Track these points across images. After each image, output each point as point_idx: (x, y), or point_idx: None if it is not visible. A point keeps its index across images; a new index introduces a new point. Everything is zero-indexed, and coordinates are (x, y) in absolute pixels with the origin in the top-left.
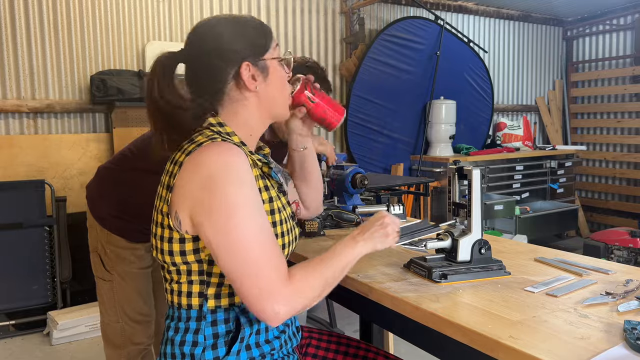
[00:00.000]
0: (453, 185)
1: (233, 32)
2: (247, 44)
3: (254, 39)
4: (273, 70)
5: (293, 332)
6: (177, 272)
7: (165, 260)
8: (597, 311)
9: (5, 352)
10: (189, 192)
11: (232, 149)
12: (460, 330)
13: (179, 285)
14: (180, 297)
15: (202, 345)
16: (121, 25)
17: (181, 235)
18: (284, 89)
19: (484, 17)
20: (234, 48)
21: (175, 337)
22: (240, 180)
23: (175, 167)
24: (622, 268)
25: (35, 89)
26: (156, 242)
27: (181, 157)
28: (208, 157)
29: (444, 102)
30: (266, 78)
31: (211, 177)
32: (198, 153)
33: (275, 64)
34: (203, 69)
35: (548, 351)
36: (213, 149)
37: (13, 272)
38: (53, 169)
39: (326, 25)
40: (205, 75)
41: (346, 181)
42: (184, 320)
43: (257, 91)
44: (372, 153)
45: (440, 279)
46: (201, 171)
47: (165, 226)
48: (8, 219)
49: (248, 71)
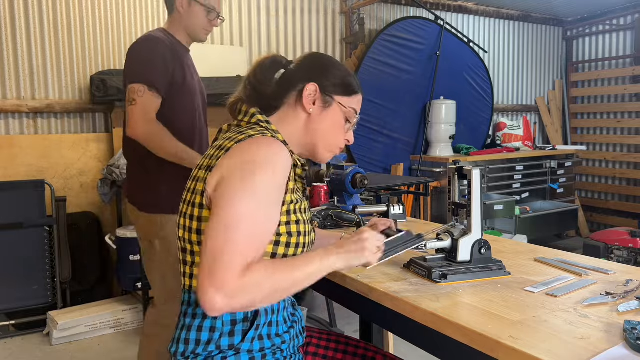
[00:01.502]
0: (453, 185)
1: (330, 65)
2: (331, 77)
3: (339, 80)
4: (334, 112)
5: (299, 331)
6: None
7: (191, 239)
8: (597, 311)
9: (5, 352)
10: (226, 168)
11: (280, 146)
12: (460, 330)
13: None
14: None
15: (219, 330)
16: (121, 25)
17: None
18: (334, 133)
19: (484, 17)
20: (319, 72)
21: (193, 322)
22: (274, 173)
23: (220, 152)
24: (622, 268)
25: (35, 89)
26: (185, 220)
27: (230, 144)
28: (257, 147)
29: (444, 102)
30: (323, 111)
31: (251, 163)
32: (248, 142)
33: (339, 110)
34: (289, 73)
35: (548, 351)
36: (263, 141)
37: (13, 272)
38: (53, 169)
39: (326, 25)
40: (285, 78)
41: (346, 181)
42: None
43: (310, 114)
44: (372, 153)
45: (440, 279)
46: (245, 156)
47: (197, 205)
48: (8, 219)
49: (313, 93)
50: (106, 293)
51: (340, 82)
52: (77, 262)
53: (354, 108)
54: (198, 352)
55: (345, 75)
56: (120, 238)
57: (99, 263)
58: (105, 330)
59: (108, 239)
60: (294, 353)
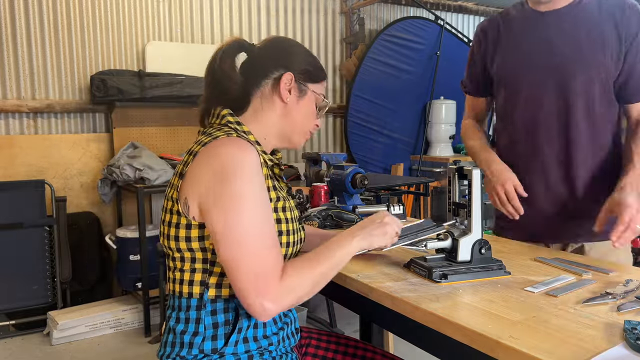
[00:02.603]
0: (453, 185)
1: (296, 50)
2: (302, 64)
3: (310, 66)
4: (308, 100)
5: (292, 331)
6: (181, 259)
7: (170, 246)
8: (597, 311)
9: (5, 352)
10: (200, 180)
11: (245, 145)
12: (460, 330)
13: (181, 273)
14: (182, 286)
15: (202, 335)
16: (121, 25)
17: (188, 221)
18: (308, 120)
19: (484, 17)
20: (289, 59)
21: (176, 326)
22: (249, 174)
23: (189, 157)
24: (622, 268)
25: (35, 89)
26: (163, 227)
27: (197, 148)
28: (222, 149)
29: (444, 102)
30: (299, 100)
31: (222, 168)
32: (213, 145)
33: (313, 98)
34: (255, 61)
35: (548, 351)
36: (227, 142)
37: (13, 272)
38: (53, 169)
39: (326, 25)
40: (253, 66)
41: (346, 181)
42: (184, 310)
43: (287, 104)
44: (372, 153)
45: (440, 279)
46: (214, 162)
47: (174, 212)
48: (8, 219)
49: (289, 82)
50: (106, 293)
51: (311, 69)
52: (77, 262)
53: (323, 94)
54: (183, 354)
55: (313, 61)
56: (120, 238)
57: (99, 263)
58: (105, 330)
59: (108, 239)
60: (285, 353)
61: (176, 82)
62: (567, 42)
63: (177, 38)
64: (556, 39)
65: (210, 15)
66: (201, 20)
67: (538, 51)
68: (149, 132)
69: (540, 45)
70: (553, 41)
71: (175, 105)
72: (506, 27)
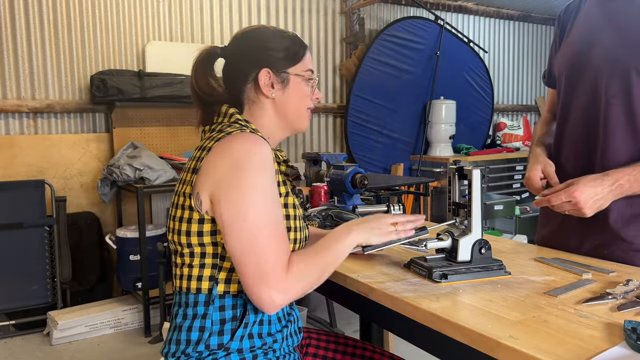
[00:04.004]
0: (453, 185)
1: (266, 41)
2: (276, 53)
3: (283, 52)
4: (294, 85)
5: (295, 330)
6: (191, 254)
7: (180, 241)
8: (597, 311)
9: (5, 352)
10: (214, 173)
11: (259, 140)
12: (460, 330)
13: (190, 269)
14: (190, 282)
15: (208, 330)
16: (121, 25)
17: (201, 216)
18: (302, 103)
19: (484, 17)
20: (261, 54)
21: (183, 323)
22: (262, 167)
23: (203, 152)
24: (622, 268)
25: (35, 89)
26: (173, 223)
27: (210, 143)
28: (236, 143)
29: (444, 102)
30: (285, 89)
31: (236, 161)
32: (226, 140)
33: (298, 80)
34: (232, 66)
35: (548, 351)
36: (241, 137)
37: (13, 272)
38: (53, 169)
39: (326, 25)
40: (232, 73)
41: (346, 181)
42: (191, 306)
43: (274, 98)
44: (372, 153)
45: (441, 279)
46: (228, 155)
47: (186, 207)
48: (8, 219)
49: (267, 78)
50: (106, 293)
51: (285, 54)
52: (77, 262)
53: (308, 69)
54: (188, 352)
55: (286, 43)
56: (120, 238)
57: (99, 263)
58: (105, 330)
59: (108, 239)
60: (288, 352)
61: (176, 82)
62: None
63: (177, 38)
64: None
65: (210, 15)
66: (201, 20)
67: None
68: (149, 132)
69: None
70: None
71: (175, 105)
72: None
